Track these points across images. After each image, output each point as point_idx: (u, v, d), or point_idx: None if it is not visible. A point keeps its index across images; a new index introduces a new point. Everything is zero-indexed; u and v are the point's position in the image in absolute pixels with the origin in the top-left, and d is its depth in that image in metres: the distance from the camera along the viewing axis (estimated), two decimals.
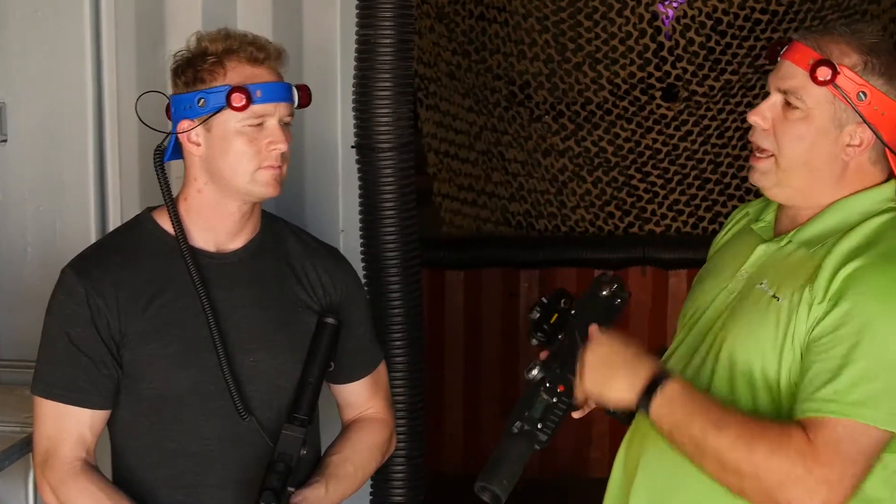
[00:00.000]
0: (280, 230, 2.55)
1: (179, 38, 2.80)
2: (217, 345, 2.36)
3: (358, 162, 3.04)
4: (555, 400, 2.21)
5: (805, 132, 2.16)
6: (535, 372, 2.25)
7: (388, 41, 2.90)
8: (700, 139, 5.72)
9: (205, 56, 2.38)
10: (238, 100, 2.32)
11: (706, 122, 5.70)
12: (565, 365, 2.22)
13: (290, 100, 2.40)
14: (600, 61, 5.69)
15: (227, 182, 2.39)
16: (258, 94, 2.34)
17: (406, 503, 3.04)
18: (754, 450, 2.01)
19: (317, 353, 2.40)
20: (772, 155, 2.20)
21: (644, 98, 5.72)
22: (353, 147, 3.05)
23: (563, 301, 2.31)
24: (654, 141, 5.74)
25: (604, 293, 2.30)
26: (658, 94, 5.72)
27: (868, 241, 2.13)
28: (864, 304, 2.04)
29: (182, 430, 2.40)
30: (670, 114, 5.73)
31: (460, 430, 5.64)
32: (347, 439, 2.57)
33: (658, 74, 5.69)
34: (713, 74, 5.64)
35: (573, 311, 2.29)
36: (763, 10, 5.55)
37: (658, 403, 2.08)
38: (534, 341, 2.31)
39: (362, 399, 2.60)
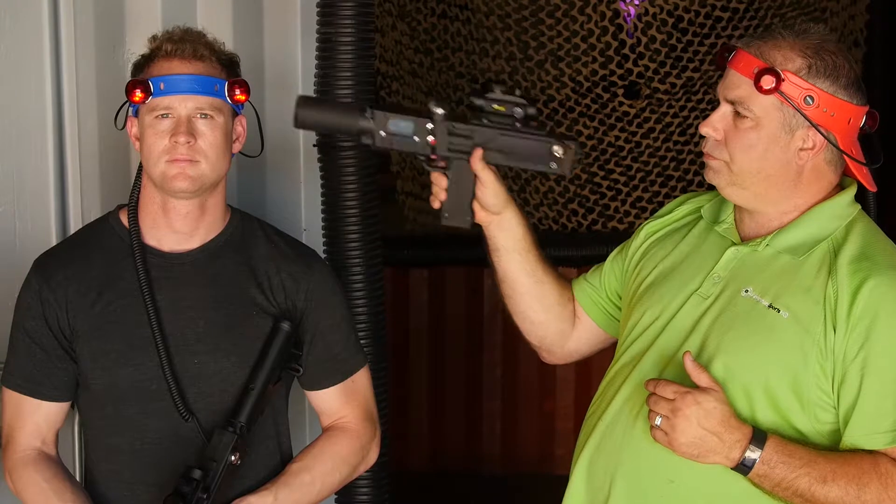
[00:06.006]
0: (251, 231, 2.54)
1: (139, 38, 2.79)
2: (158, 344, 2.38)
3: (320, 160, 3.04)
4: (427, 138, 2.28)
5: (756, 141, 2.18)
6: (438, 109, 2.28)
7: (348, 40, 2.89)
8: (662, 136, 5.74)
9: (143, 56, 2.44)
10: (134, 93, 2.37)
11: (668, 119, 5.72)
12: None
13: (200, 92, 2.37)
14: (562, 59, 5.71)
15: (150, 177, 2.41)
16: (161, 86, 2.36)
17: (371, 502, 3.04)
18: (865, 498, 2.08)
19: (265, 359, 2.39)
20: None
21: (606, 96, 5.74)
22: (314, 145, 3.04)
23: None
24: (617, 138, 5.76)
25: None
26: (620, 91, 5.74)
27: (864, 252, 2.16)
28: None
29: (124, 427, 2.42)
30: (632, 111, 5.75)
31: (425, 428, 5.65)
32: (312, 448, 2.55)
33: (620, 72, 5.72)
34: (675, 72, 5.67)
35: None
36: (724, 7, 5.57)
37: (759, 469, 2.09)
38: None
39: (334, 407, 2.57)
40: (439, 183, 2.36)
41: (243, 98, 2.43)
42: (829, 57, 2.16)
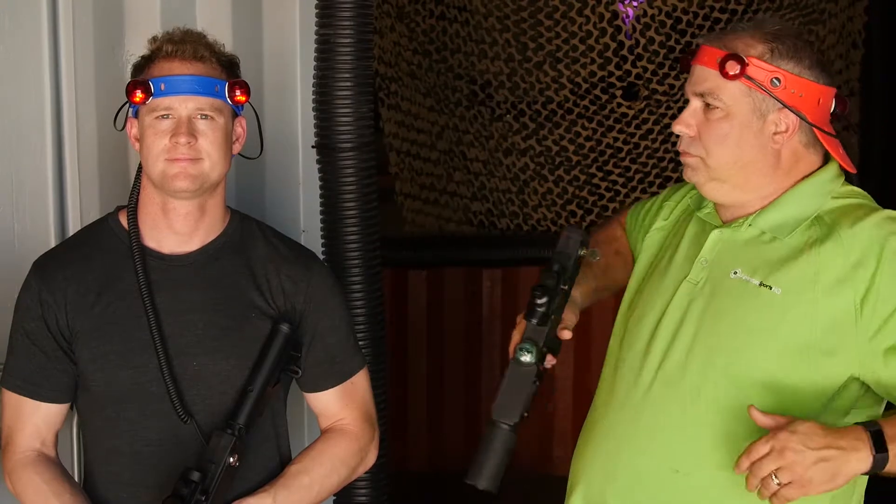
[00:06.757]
0: (250, 233, 2.54)
1: (138, 39, 2.80)
2: (157, 347, 2.38)
3: (319, 162, 3.04)
4: (537, 384, 2.22)
5: (728, 129, 2.20)
6: (528, 358, 2.21)
7: (347, 41, 2.89)
8: (661, 137, 5.74)
9: (143, 57, 2.44)
10: (134, 94, 2.37)
11: (667, 120, 5.72)
12: (547, 341, 2.22)
13: (201, 92, 2.37)
14: (561, 60, 5.71)
15: (150, 177, 2.41)
16: (162, 87, 2.36)
17: (370, 502, 3.04)
18: None
19: (264, 361, 2.39)
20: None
21: (605, 97, 5.74)
22: (313, 147, 3.04)
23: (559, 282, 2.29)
24: (615, 140, 5.77)
25: (581, 253, 2.30)
26: (619, 92, 5.74)
27: (863, 217, 2.16)
28: None
29: (123, 429, 2.41)
30: (631, 112, 5.76)
31: (424, 429, 5.65)
32: (311, 450, 2.55)
33: (618, 73, 5.72)
34: (673, 73, 5.67)
35: (566, 288, 2.28)
36: (722, 9, 5.58)
37: (893, 451, 2.00)
38: (534, 321, 2.23)
39: (333, 409, 2.57)
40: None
41: (243, 99, 2.43)
42: (789, 40, 2.21)
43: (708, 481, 2.18)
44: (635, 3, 5.71)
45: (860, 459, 1.99)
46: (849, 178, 2.30)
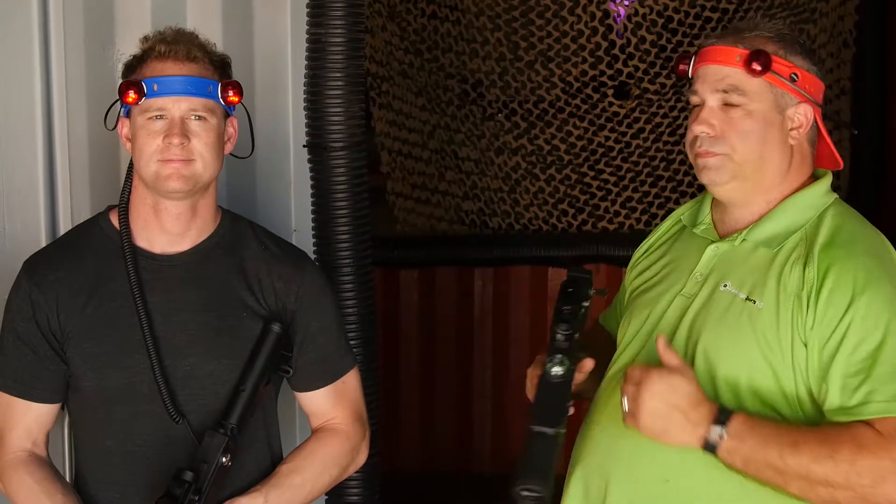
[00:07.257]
0: (241, 232, 2.54)
1: (129, 38, 2.80)
2: (149, 347, 2.37)
3: (310, 161, 3.04)
4: (571, 402, 2.24)
5: (752, 126, 2.21)
6: (559, 370, 2.25)
7: (339, 40, 2.89)
8: (652, 136, 5.75)
9: (135, 57, 2.44)
10: (127, 94, 2.37)
11: (658, 119, 5.73)
12: (573, 360, 2.26)
13: (194, 93, 2.37)
14: (552, 59, 5.71)
15: (142, 178, 2.41)
16: (155, 87, 2.36)
17: (362, 502, 3.04)
18: (838, 459, 2.03)
19: (255, 361, 2.39)
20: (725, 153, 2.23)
21: (596, 96, 5.74)
22: (304, 146, 3.04)
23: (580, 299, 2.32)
24: (607, 139, 5.77)
25: (590, 292, 2.34)
26: (610, 91, 5.74)
27: (836, 238, 2.18)
28: (874, 304, 2.09)
29: (115, 429, 2.41)
30: (623, 111, 5.76)
31: (416, 429, 5.65)
32: (302, 449, 2.55)
33: (610, 72, 5.72)
34: (664, 72, 5.67)
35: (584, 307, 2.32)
36: (713, 8, 5.58)
37: (727, 444, 2.06)
38: (559, 336, 2.28)
39: (324, 409, 2.57)
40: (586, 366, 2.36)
41: (236, 99, 2.44)
42: (793, 38, 2.25)
43: (696, 492, 2.18)
44: (626, 3, 5.71)
45: (693, 435, 2.08)
46: (834, 174, 2.34)
